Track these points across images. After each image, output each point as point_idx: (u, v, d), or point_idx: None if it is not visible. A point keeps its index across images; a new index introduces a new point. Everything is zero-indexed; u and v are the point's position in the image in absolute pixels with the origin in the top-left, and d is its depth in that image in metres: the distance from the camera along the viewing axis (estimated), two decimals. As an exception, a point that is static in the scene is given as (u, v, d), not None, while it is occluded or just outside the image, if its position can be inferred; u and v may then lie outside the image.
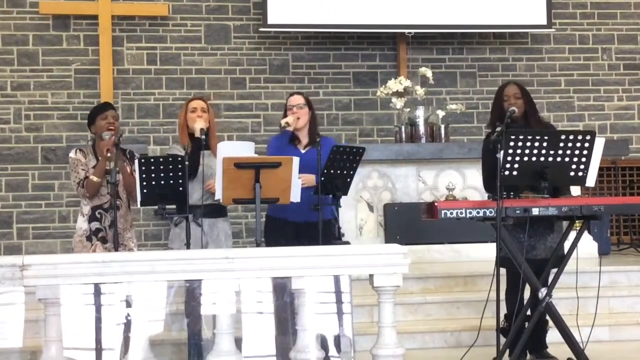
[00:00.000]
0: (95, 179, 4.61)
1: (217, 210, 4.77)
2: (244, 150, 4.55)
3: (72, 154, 4.79)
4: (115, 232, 4.57)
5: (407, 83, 7.36)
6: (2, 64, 7.82)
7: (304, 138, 4.91)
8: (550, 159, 4.13)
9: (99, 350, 3.37)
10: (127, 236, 4.80)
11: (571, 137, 4.16)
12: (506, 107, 4.53)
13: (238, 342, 3.50)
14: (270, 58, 8.21)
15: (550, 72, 8.57)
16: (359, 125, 8.29)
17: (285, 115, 4.91)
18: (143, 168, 4.36)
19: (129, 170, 4.71)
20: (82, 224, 4.75)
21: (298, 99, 4.93)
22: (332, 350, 3.59)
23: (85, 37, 7.92)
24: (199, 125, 4.70)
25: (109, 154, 4.53)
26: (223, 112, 7.98)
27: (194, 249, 4.51)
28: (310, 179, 4.66)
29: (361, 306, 5.01)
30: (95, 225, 4.69)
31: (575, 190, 5.44)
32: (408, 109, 7.29)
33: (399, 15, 8.01)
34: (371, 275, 3.61)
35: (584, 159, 4.17)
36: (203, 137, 4.62)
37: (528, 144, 4.10)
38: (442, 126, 7.21)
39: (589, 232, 6.81)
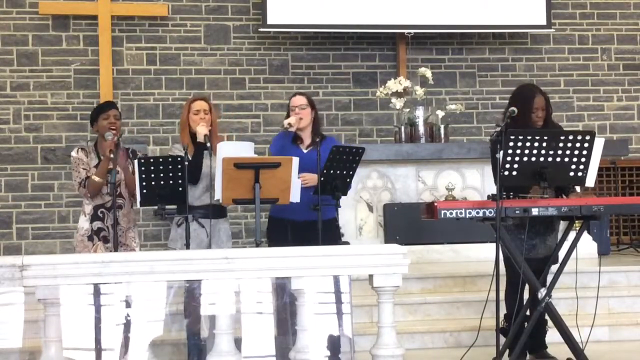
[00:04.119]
0: (97, 179, 4.61)
1: (218, 211, 4.76)
2: (244, 150, 4.55)
3: (73, 153, 4.79)
4: (115, 232, 4.57)
5: (407, 83, 7.36)
6: (2, 64, 7.82)
7: (307, 138, 4.90)
8: (550, 159, 4.14)
9: (98, 350, 3.37)
10: (130, 235, 4.80)
11: (571, 137, 4.16)
12: (534, 118, 4.50)
13: (238, 342, 3.50)
14: (270, 58, 8.22)
15: (550, 72, 8.58)
16: (358, 125, 8.29)
17: (288, 116, 4.91)
18: (143, 168, 4.36)
19: (130, 169, 4.71)
20: (83, 223, 4.75)
21: (301, 100, 4.92)
22: (332, 351, 3.59)
23: (84, 37, 7.92)
24: (202, 130, 4.68)
25: (111, 155, 4.53)
26: (222, 112, 7.97)
27: (196, 250, 4.52)
28: (313, 178, 4.65)
29: (361, 306, 5.01)
30: (97, 224, 4.70)
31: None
32: (408, 109, 7.29)
33: (398, 15, 8.01)
34: (371, 276, 3.61)
35: (583, 159, 4.17)
36: (208, 144, 4.60)
37: (528, 144, 4.11)
38: (442, 126, 7.21)
39: (589, 232, 6.81)
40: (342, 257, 3.64)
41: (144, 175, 4.36)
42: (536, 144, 4.12)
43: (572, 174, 4.20)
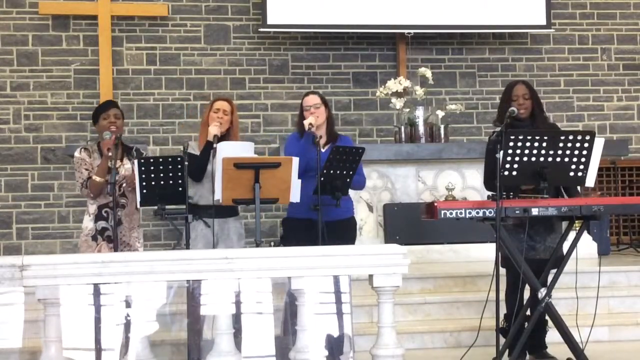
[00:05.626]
0: (97, 179, 4.60)
1: (227, 210, 4.74)
2: (244, 150, 4.55)
3: (76, 154, 4.79)
4: (115, 231, 4.57)
5: (407, 83, 7.36)
6: (2, 64, 7.82)
7: (323, 137, 4.89)
8: (550, 159, 4.14)
9: (98, 350, 3.37)
10: (134, 235, 4.79)
11: (571, 137, 4.16)
12: (515, 106, 4.52)
13: (238, 342, 3.50)
14: (270, 58, 8.22)
15: (550, 73, 8.58)
16: (358, 125, 8.30)
17: (301, 116, 4.89)
18: (143, 168, 4.36)
19: (131, 168, 4.70)
20: (87, 223, 4.74)
21: (314, 99, 4.90)
22: (332, 351, 3.59)
23: (84, 37, 7.93)
24: (213, 130, 4.70)
25: (110, 153, 4.53)
26: (222, 112, 7.98)
27: (196, 250, 4.52)
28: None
29: (361, 306, 5.01)
30: (101, 224, 4.69)
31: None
32: (407, 109, 7.29)
33: (398, 15, 8.01)
34: (371, 276, 3.61)
35: (583, 159, 4.17)
36: (215, 145, 4.62)
37: (528, 144, 4.11)
38: (442, 126, 7.21)
39: (589, 233, 6.81)
40: (342, 257, 3.63)
41: (144, 175, 4.36)
42: (536, 144, 4.11)
43: (572, 174, 4.20)
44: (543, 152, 4.12)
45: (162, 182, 4.38)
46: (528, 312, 4.43)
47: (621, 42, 8.68)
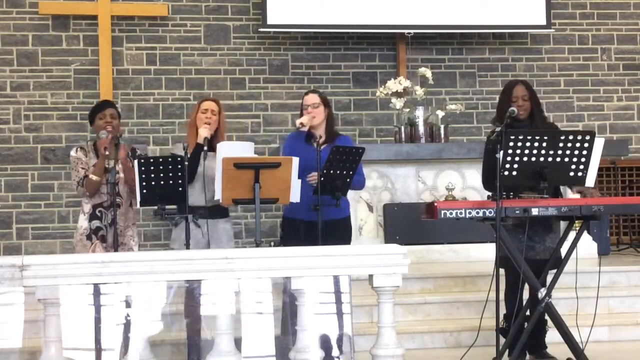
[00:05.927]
0: (94, 177, 4.61)
1: (218, 211, 4.76)
2: (244, 150, 4.55)
3: (72, 153, 4.80)
4: (115, 231, 4.57)
5: (407, 83, 7.36)
6: (2, 64, 7.82)
7: (322, 136, 4.88)
8: (550, 159, 4.14)
9: (98, 350, 3.37)
10: (128, 234, 4.80)
11: (571, 137, 4.16)
12: (514, 107, 4.52)
13: (238, 342, 3.51)
14: (270, 58, 8.22)
15: (550, 72, 8.58)
16: (358, 125, 8.30)
17: (301, 115, 4.90)
18: (143, 168, 4.36)
19: (129, 165, 4.69)
20: (82, 222, 4.75)
21: (313, 98, 4.90)
22: (332, 351, 3.59)
23: (84, 37, 7.92)
24: (203, 132, 4.70)
25: (106, 152, 4.53)
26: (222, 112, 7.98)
27: (194, 250, 4.52)
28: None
29: (361, 306, 5.01)
30: (95, 223, 4.69)
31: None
32: (407, 109, 7.29)
33: (398, 15, 8.01)
34: (371, 276, 3.61)
35: (583, 159, 4.18)
36: (205, 148, 4.62)
37: (528, 144, 4.11)
38: (442, 126, 7.21)
39: (589, 233, 6.81)
40: (342, 257, 3.64)
41: (144, 175, 4.36)
42: (536, 144, 4.12)
43: (572, 174, 4.20)
44: (543, 152, 4.12)
45: (162, 182, 4.39)
46: (528, 312, 4.43)
47: (621, 42, 8.68)
